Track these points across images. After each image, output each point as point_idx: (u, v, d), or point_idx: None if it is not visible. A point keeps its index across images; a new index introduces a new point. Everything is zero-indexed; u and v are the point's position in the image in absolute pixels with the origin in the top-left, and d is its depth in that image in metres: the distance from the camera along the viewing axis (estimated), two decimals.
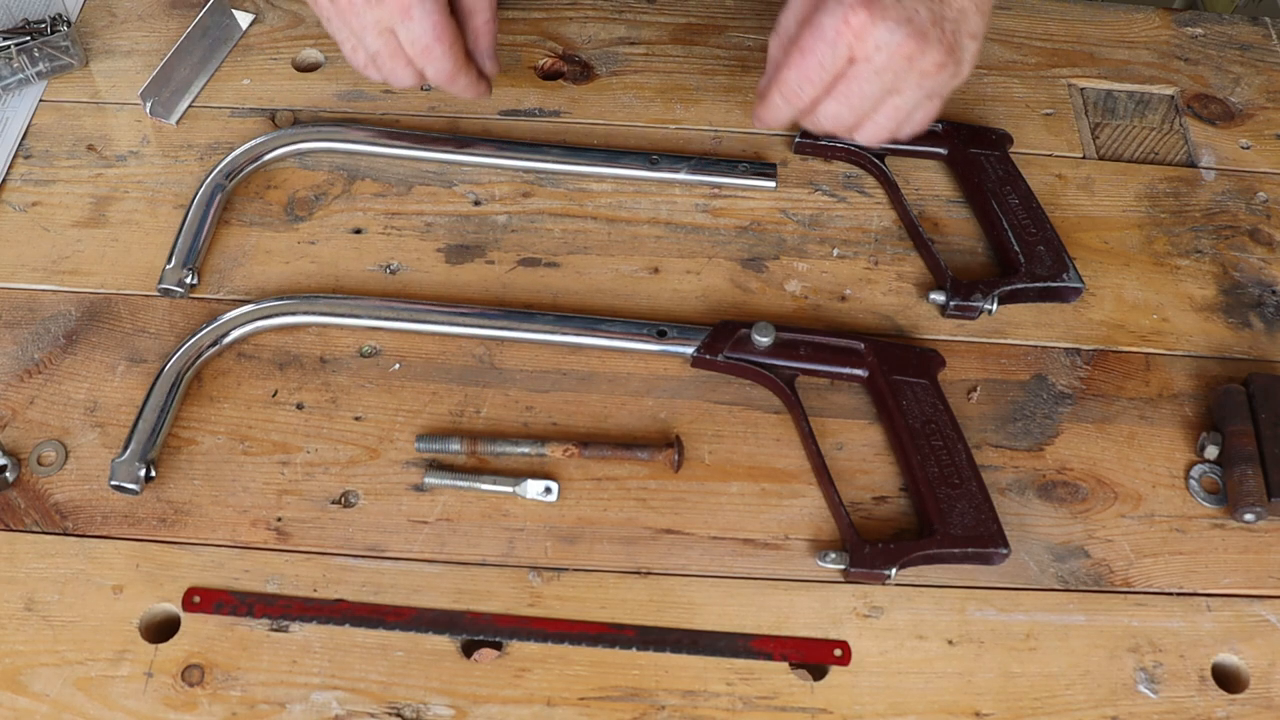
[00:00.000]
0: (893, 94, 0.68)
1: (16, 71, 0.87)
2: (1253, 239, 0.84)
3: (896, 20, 0.64)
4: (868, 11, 0.64)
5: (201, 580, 0.66)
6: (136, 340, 0.75)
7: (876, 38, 0.64)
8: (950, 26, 0.66)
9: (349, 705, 0.62)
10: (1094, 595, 0.68)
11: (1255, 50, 0.96)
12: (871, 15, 0.64)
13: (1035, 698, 0.64)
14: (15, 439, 0.71)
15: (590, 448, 0.71)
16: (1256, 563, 0.69)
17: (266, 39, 0.92)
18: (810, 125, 0.72)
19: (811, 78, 0.68)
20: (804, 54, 0.67)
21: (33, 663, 0.63)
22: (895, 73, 0.66)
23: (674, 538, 0.69)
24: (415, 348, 0.76)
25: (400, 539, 0.68)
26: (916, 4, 0.65)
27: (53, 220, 0.81)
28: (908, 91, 0.68)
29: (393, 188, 0.84)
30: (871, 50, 0.65)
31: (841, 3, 0.64)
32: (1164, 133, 0.90)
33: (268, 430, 0.72)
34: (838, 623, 0.66)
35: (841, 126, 0.71)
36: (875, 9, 0.64)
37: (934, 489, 0.68)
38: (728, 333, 0.74)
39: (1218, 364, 0.77)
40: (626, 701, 0.63)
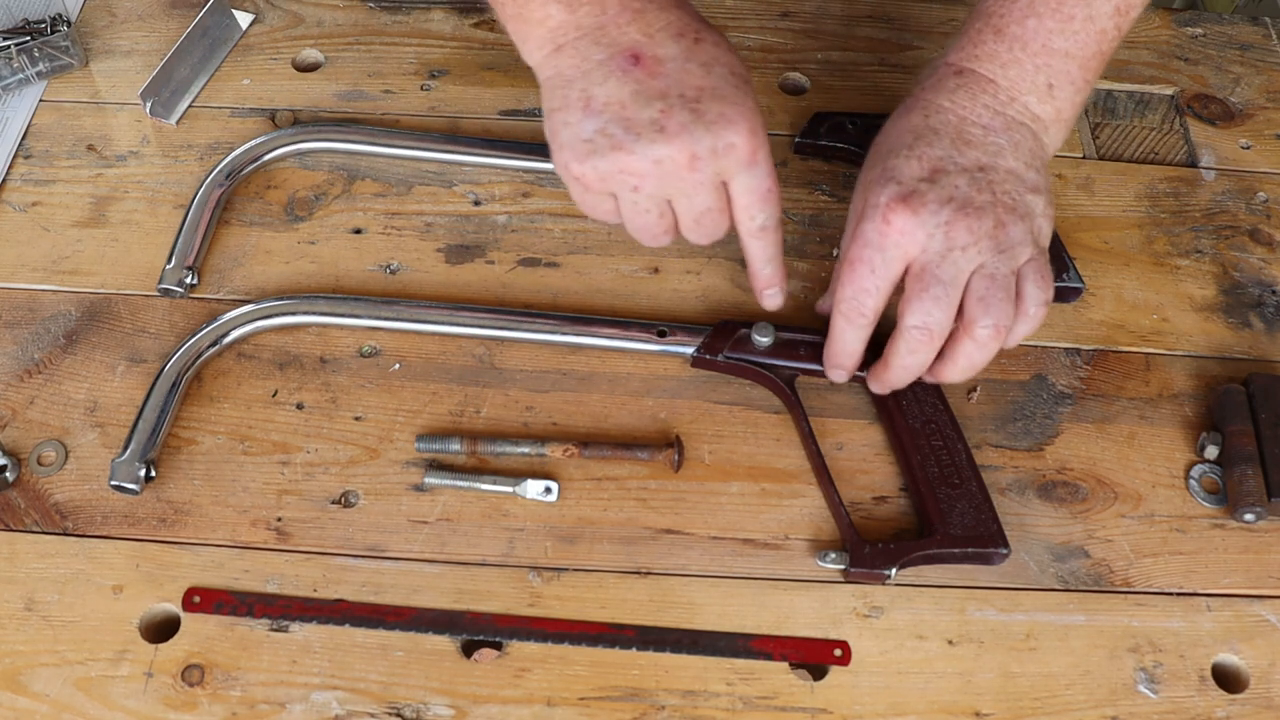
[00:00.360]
0: (978, 272, 0.63)
1: (16, 71, 0.87)
2: (1253, 239, 0.84)
3: (938, 202, 0.61)
4: (905, 205, 0.61)
5: (201, 580, 0.66)
6: (136, 340, 0.75)
7: (924, 226, 0.61)
8: (1002, 188, 0.63)
9: (349, 705, 0.62)
10: (1094, 595, 0.68)
11: (1255, 50, 0.96)
12: (910, 207, 0.61)
13: (1035, 698, 0.64)
14: (15, 439, 0.71)
15: (590, 448, 0.71)
16: (1256, 563, 0.69)
17: (266, 39, 0.92)
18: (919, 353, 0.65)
19: (866, 286, 0.64)
20: (853, 265, 0.64)
21: (33, 663, 0.63)
22: (962, 247, 0.62)
23: (674, 538, 0.69)
24: (415, 348, 0.76)
25: (400, 539, 0.68)
26: (954, 179, 0.62)
27: (53, 220, 0.81)
28: (990, 261, 0.62)
29: (393, 188, 0.84)
30: (924, 239, 0.62)
31: (879, 207, 0.62)
32: (1164, 133, 0.90)
33: (268, 430, 0.72)
34: (838, 623, 0.66)
35: (937, 330, 0.63)
36: (913, 200, 0.61)
37: (934, 489, 0.68)
38: (728, 333, 0.74)
39: (1218, 364, 0.77)
40: (626, 701, 0.63)
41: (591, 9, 0.61)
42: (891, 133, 0.67)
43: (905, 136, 0.65)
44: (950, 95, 0.65)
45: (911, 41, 0.94)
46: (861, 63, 0.93)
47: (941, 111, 0.65)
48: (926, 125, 0.65)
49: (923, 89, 0.67)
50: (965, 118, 0.65)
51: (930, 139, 0.64)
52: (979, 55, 0.65)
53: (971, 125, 0.64)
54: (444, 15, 0.94)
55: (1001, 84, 0.65)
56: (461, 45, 0.92)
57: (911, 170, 0.63)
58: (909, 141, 0.64)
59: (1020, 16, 0.64)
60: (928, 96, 0.66)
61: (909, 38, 0.94)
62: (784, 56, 0.93)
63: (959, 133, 0.64)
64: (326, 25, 0.93)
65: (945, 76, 0.66)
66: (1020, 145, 0.65)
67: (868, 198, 0.64)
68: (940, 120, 0.65)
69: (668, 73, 0.60)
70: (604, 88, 0.60)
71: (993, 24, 0.65)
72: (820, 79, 0.91)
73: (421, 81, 0.90)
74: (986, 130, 0.64)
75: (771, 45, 0.93)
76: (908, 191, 0.62)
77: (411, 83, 0.90)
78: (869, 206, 0.63)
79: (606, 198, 0.65)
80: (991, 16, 0.65)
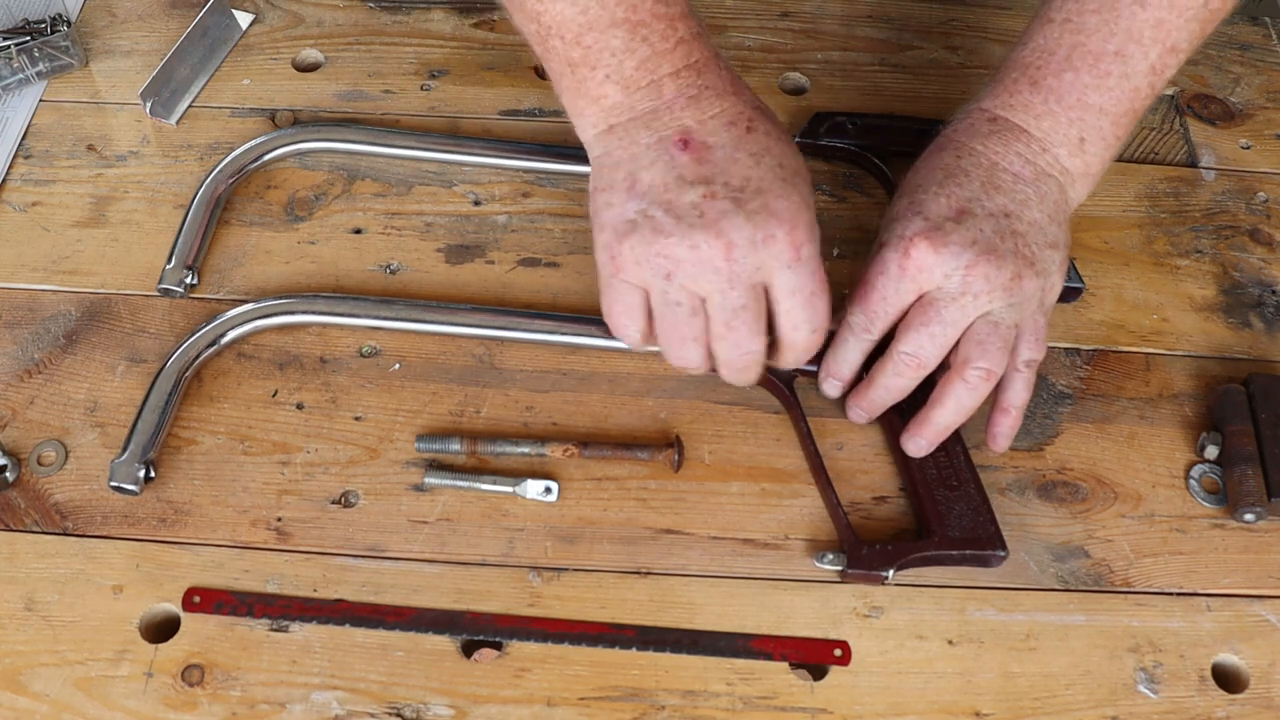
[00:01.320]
0: (983, 318, 0.63)
1: (16, 71, 0.87)
2: (1253, 239, 0.84)
3: (961, 244, 0.61)
4: (928, 241, 0.61)
5: (201, 580, 0.66)
6: (136, 340, 0.75)
7: (943, 264, 0.61)
8: (1023, 239, 0.63)
9: (349, 705, 0.62)
10: (1094, 595, 0.68)
11: (1255, 50, 0.96)
12: (933, 244, 0.61)
13: (1035, 698, 0.64)
14: (15, 439, 0.71)
15: (590, 448, 0.71)
16: (1256, 563, 0.69)
17: (266, 39, 0.92)
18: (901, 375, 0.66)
19: (876, 310, 0.64)
20: (867, 287, 0.64)
21: (33, 663, 0.63)
22: (974, 293, 0.62)
23: (674, 538, 0.69)
24: (415, 348, 0.76)
25: (400, 539, 0.68)
26: (980, 223, 0.62)
27: (53, 220, 0.81)
28: (998, 310, 0.63)
29: (393, 188, 0.84)
30: (940, 278, 0.62)
31: (902, 238, 0.62)
32: (1164, 133, 0.90)
33: (268, 430, 0.72)
34: (838, 623, 0.66)
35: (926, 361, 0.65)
36: (936, 237, 0.61)
37: (932, 490, 0.68)
38: None
39: (1218, 364, 0.77)
40: (626, 701, 0.63)
41: (648, 93, 0.60)
42: (922, 169, 0.67)
43: (936, 174, 0.65)
44: (983, 140, 0.66)
45: (911, 41, 0.94)
46: (861, 63, 0.93)
47: (974, 155, 0.65)
48: (958, 165, 0.65)
49: (955, 131, 0.67)
50: (996, 163, 0.65)
51: (960, 179, 0.64)
52: (1014, 105, 0.66)
53: (1002, 171, 0.65)
54: (444, 15, 0.94)
55: (1035, 134, 0.65)
56: (461, 45, 0.92)
57: (939, 208, 0.63)
58: (939, 179, 0.65)
59: (1057, 70, 0.64)
60: (960, 139, 0.66)
61: (909, 38, 0.94)
62: (784, 56, 0.93)
63: (989, 177, 0.64)
64: (326, 25, 0.93)
65: (979, 121, 0.66)
66: (1046, 197, 0.65)
67: (894, 228, 0.65)
68: (971, 162, 0.65)
69: (715, 160, 0.59)
70: (650, 171, 0.60)
71: (1029, 75, 0.65)
72: (820, 79, 0.91)
73: (421, 81, 0.90)
74: (1016, 178, 0.64)
75: (771, 45, 0.93)
76: (933, 228, 0.62)
77: (411, 83, 0.90)
78: (894, 236, 0.64)
79: (637, 291, 0.63)
80: (1028, 68, 0.66)
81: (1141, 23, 0.63)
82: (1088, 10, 0.64)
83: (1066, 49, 0.64)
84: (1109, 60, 0.63)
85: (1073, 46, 0.64)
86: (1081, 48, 0.64)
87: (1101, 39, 0.63)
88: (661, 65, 0.59)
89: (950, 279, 0.62)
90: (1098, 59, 0.63)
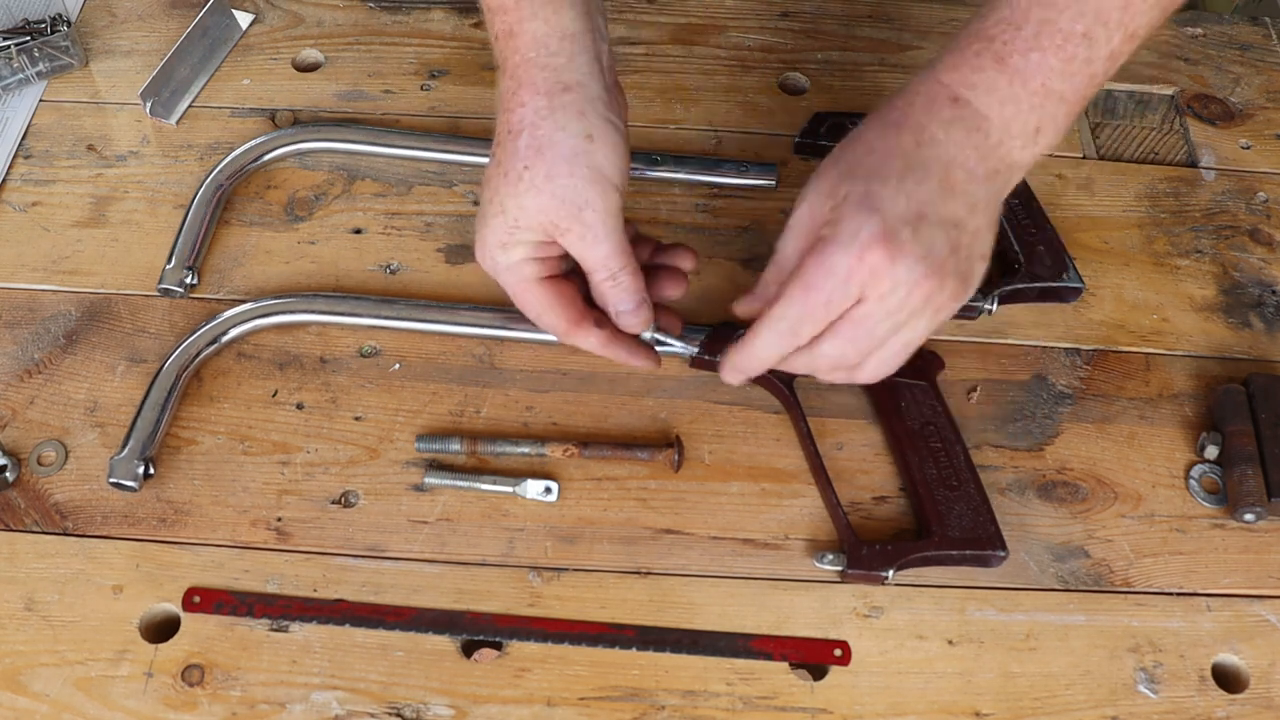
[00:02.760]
0: (902, 329, 0.61)
1: (16, 71, 0.87)
2: (1253, 239, 0.84)
3: (915, 257, 0.58)
4: (885, 249, 0.58)
5: (201, 580, 0.66)
6: (136, 340, 0.75)
7: (894, 276, 0.58)
8: (965, 252, 0.61)
9: (349, 705, 0.62)
10: (1094, 595, 0.68)
11: (1255, 50, 0.96)
12: (889, 253, 0.58)
13: (1035, 698, 0.64)
14: (15, 439, 0.71)
15: (590, 448, 0.71)
16: (1256, 563, 0.69)
17: (266, 39, 0.92)
18: (802, 367, 0.64)
19: (815, 315, 0.60)
20: (809, 289, 0.59)
21: (33, 663, 0.63)
22: (910, 310, 0.60)
23: (674, 538, 0.69)
24: (415, 348, 0.76)
25: (400, 539, 0.68)
26: (934, 233, 0.59)
27: (53, 220, 0.81)
28: (918, 326, 0.61)
29: (393, 188, 0.84)
30: (886, 290, 0.59)
31: (856, 238, 0.58)
32: (1164, 133, 0.90)
33: (268, 430, 0.72)
34: (838, 623, 0.66)
35: (840, 366, 0.63)
36: (893, 245, 0.58)
37: (932, 490, 0.68)
38: (727, 333, 0.74)
39: (1218, 364, 0.77)
40: (626, 701, 0.63)
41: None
42: (878, 146, 0.61)
43: (894, 162, 0.60)
44: (945, 127, 0.61)
45: (911, 41, 0.94)
46: (861, 63, 0.93)
47: (934, 145, 0.61)
48: (918, 156, 0.61)
49: (913, 107, 0.62)
50: (955, 158, 0.61)
51: (920, 174, 0.60)
52: (977, 84, 0.61)
53: (958, 169, 0.61)
54: (444, 15, 0.94)
55: (995, 123, 0.61)
56: (461, 45, 0.92)
57: (899, 208, 0.59)
58: (899, 170, 0.60)
59: (1024, 49, 0.60)
60: (920, 119, 0.61)
61: (909, 38, 0.94)
62: (784, 56, 0.93)
63: (946, 174, 0.61)
64: (326, 25, 0.93)
65: (940, 101, 0.61)
66: (991, 201, 0.62)
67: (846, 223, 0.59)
68: (931, 154, 0.61)
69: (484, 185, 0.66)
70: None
71: (994, 50, 0.61)
72: (820, 79, 0.91)
73: (421, 81, 0.90)
74: (970, 177, 0.61)
75: (771, 45, 0.93)
76: (890, 233, 0.58)
77: (411, 83, 0.90)
78: (845, 233, 0.58)
79: None
80: (993, 41, 0.61)
81: (1110, 4, 0.59)
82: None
83: (1035, 25, 0.60)
84: (1076, 42, 0.60)
85: (1041, 23, 0.60)
86: (1050, 25, 0.60)
87: (1070, 18, 0.59)
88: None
89: (895, 292, 0.59)
90: (1066, 40, 0.59)
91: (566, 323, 0.67)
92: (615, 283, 0.65)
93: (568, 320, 0.66)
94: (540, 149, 0.62)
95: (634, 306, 0.66)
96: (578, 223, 0.63)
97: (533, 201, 0.62)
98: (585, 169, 0.62)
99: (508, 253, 0.65)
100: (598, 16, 0.65)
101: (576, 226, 0.63)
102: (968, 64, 0.61)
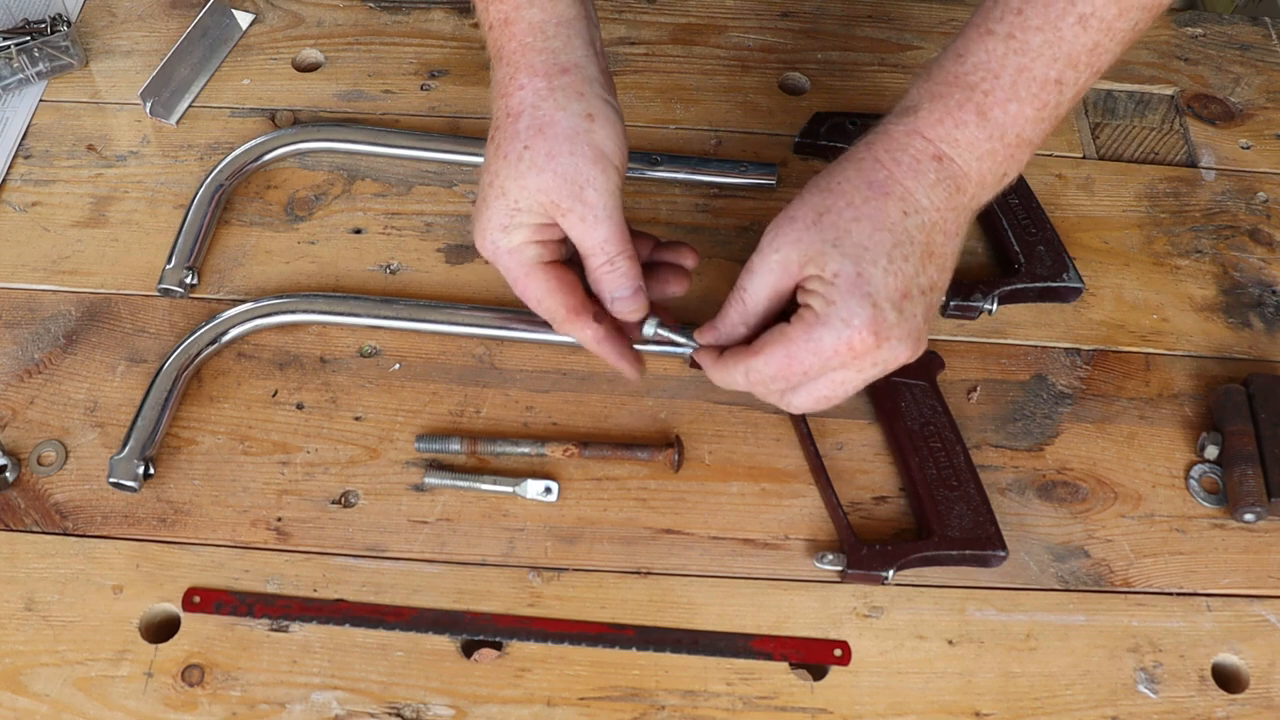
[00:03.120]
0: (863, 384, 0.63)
1: (16, 71, 0.87)
2: (1253, 239, 0.84)
3: (898, 338, 0.59)
4: (874, 335, 0.58)
5: (201, 580, 0.66)
6: (136, 340, 0.75)
7: (875, 356, 0.60)
8: (929, 312, 0.61)
9: (349, 705, 0.62)
10: (1094, 595, 0.68)
11: (1255, 50, 0.96)
12: (878, 339, 0.59)
13: (1035, 698, 0.64)
14: (15, 439, 0.71)
15: (590, 448, 0.71)
16: (1256, 563, 0.69)
17: (266, 39, 0.92)
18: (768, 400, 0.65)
19: (791, 378, 0.61)
20: (791, 359, 0.60)
21: (33, 663, 0.63)
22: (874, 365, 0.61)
23: (674, 538, 0.69)
24: (415, 348, 0.76)
25: (400, 539, 0.68)
26: (915, 307, 0.60)
27: (53, 220, 0.81)
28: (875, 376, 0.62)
29: (393, 188, 0.84)
30: (866, 365, 0.60)
31: (848, 325, 0.58)
32: (1164, 133, 0.90)
33: (268, 430, 0.72)
34: (838, 623, 0.66)
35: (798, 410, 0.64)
36: (881, 331, 0.58)
37: (932, 491, 0.68)
38: None
39: (1218, 364, 0.77)
40: (626, 701, 0.63)
41: None
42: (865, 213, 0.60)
43: (882, 235, 0.59)
44: (929, 191, 0.60)
45: (911, 41, 0.94)
46: (861, 63, 0.93)
47: (920, 212, 0.60)
48: (904, 228, 0.60)
49: (899, 166, 0.60)
50: (937, 223, 0.61)
51: (906, 249, 0.60)
52: (959, 140, 0.60)
53: (939, 233, 0.61)
54: (444, 15, 0.94)
55: (973, 178, 0.61)
56: (461, 45, 0.92)
57: (889, 289, 0.59)
58: (887, 248, 0.59)
59: (1003, 99, 0.60)
60: (906, 182, 0.60)
61: (909, 38, 0.94)
62: (784, 56, 0.93)
63: (929, 242, 0.60)
64: (326, 25, 0.93)
65: (924, 160, 0.60)
66: (958, 254, 0.63)
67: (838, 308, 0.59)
68: (917, 223, 0.60)
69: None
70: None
71: (975, 102, 0.60)
72: (820, 79, 0.91)
73: (421, 81, 0.90)
74: (947, 239, 0.61)
75: (771, 45, 0.93)
76: (881, 320, 0.58)
77: (411, 83, 0.90)
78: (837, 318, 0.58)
79: None
80: (974, 91, 0.60)
81: (1080, 47, 0.59)
82: (1030, 27, 0.59)
83: (1012, 73, 0.60)
84: (1049, 89, 0.60)
85: (1018, 70, 0.60)
86: (1026, 73, 0.60)
87: (1045, 64, 0.59)
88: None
89: (873, 367, 0.60)
90: (1041, 87, 0.60)
91: (566, 309, 0.66)
92: (613, 267, 0.65)
93: (568, 307, 0.66)
94: (541, 128, 0.62)
95: (630, 293, 0.65)
96: (579, 202, 0.62)
97: (534, 181, 0.62)
98: (587, 147, 0.62)
99: (509, 236, 0.64)
100: (589, 3, 0.66)
101: (578, 206, 0.62)
102: (951, 117, 0.60)
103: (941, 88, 0.61)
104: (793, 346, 0.60)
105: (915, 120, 0.61)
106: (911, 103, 0.62)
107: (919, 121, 0.61)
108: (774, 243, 0.61)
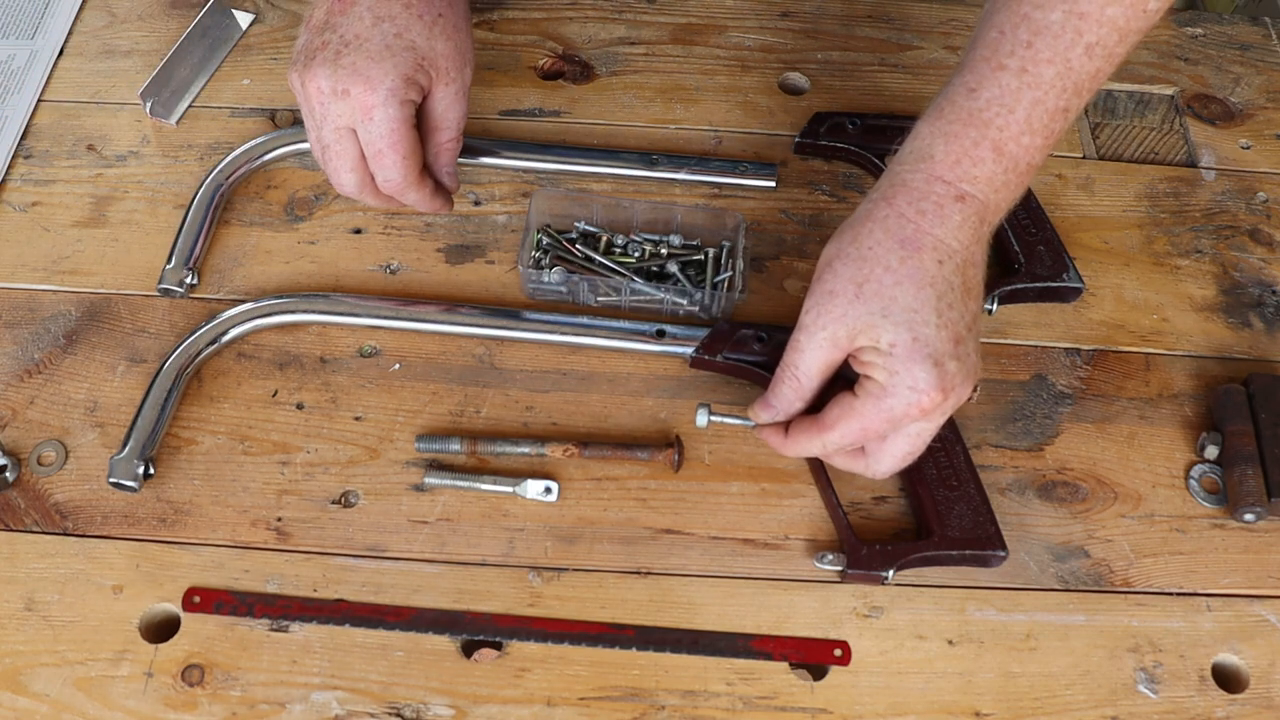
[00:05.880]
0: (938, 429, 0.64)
1: None
2: (1253, 239, 0.84)
3: (960, 382, 0.60)
4: (941, 391, 0.59)
5: (201, 580, 0.66)
6: (136, 340, 0.75)
7: (944, 407, 0.61)
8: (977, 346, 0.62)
9: (349, 705, 0.62)
10: (1094, 595, 0.68)
11: (1255, 50, 0.96)
12: (944, 392, 0.60)
13: (1035, 698, 0.64)
14: (15, 439, 0.71)
15: (590, 448, 0.71)
16: (1256, 563, 0.69)
17: (266, 39, 0.92)
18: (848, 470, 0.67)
19: (856, 441, 0.63)
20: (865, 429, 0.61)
21: (33, 663, 0.63)
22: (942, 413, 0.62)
23: (674, 538, 0.69)
24: (415, 348, 0.76)
25: (400, 539, 0.68)
26: (968, 347, 0.61)
27: (53, 220, 0.81)
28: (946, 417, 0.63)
29: None
30: (938, 415, 0.61)
31: (915, 390, 0.59)
32: (1164, 133, 0.90)
33: (268, 430, 0.72)
34: (838, 623, 0.66)
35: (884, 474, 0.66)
36: (946, 384, 0.59)
37: (932, 491, 0.68)
38: (726, 333, 0.74)
39: (1218, 364, 0.77)
40: (626, 701, 0.63)
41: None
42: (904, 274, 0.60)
43: (927, 292, 0.60)
44: (957, 233, 0.61)
45: (911, 41, 0.94)
46: (861, 63, 0.93)
47: (952, 256, 0.61)
48: (944, 279, 0.60)
49: (924, 217, 0.61)
50: (968, 260, 0.62)
51: (950, 298, 0.60)
52: (978, 178, 0.61)
53: (971, 268, 0.62)
54: None
55: (992, 208, 0.62)
56: None
57: (944, 343, 0.60)
58: (934, 303, 0.60)
59: (1017, 133, 0.61)
60: (935, 232, 0.61)
61: (909, 38, 0.94)
62: (784, 56, 0.93)
63: (965, 281, 0.61)
64: None
65: (947, 203, 0.61)
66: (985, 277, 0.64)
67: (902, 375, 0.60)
68: (952, 268, 0.61)
69: (348, 15, 0.67)
70: (314, 11, 0.69)
71: (990, 138, 0.61)
72: (820, 79, 0.91)
73: None
74: (977, 269, 0.62)
75: (771, 45, 0.93)
76: (944, 375, 0.59)
77: None
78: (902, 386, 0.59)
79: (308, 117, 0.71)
80: (989, 127, 0.61)
81: (1085, 75, 0.60)
82: (1042, 60, 0.60)
83: (1027, 107, 0.60)
84: (1058, 118, 0.61)
85: (1033, 104, 0.60)
86: (1040, 106, 0.60)
87: (1055, 95, 0.60)
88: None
89: (943, 418, 0.62)
90: (1051, 118, 0.61)
91: (419, 171, 0.72)
92: (456, 144, 0.73)
93: (419, 168, 0.72)
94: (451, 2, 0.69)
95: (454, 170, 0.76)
96: (462, 76, 0.70)
97: (442, 45, 0.68)
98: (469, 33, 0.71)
99: (409, 89, 0.68)
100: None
101: (459, 80, 0.70)
102: (969, 157, 0.61)
103: (956, 126, 0.61)
104: (865, 420, 0.61)
105: (933, 165, 0.61)
106: (925, 144, 0.62)
107: (937, 166, 0.61)
108: (819, 320, 0.62)
